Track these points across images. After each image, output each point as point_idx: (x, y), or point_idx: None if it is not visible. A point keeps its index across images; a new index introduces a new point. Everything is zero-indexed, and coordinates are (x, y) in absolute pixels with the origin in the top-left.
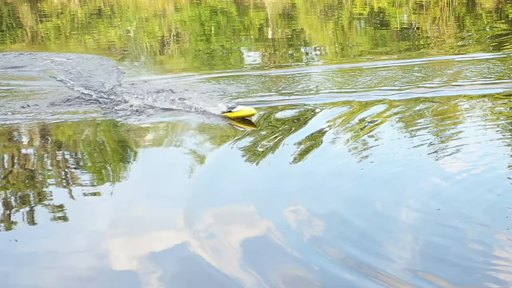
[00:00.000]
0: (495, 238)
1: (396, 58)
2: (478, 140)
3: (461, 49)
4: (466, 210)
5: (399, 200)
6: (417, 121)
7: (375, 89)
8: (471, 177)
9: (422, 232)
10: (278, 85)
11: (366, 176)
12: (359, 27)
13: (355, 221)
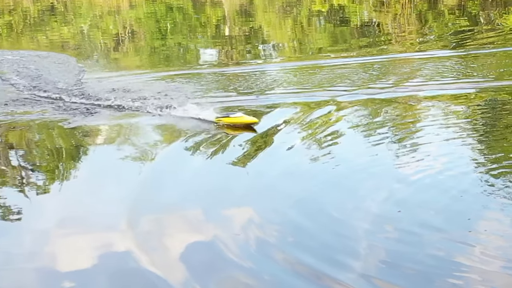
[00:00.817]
0: (455, 242)
1: (356, 55)
2: (436, 140)
3: (422, 47)
4: (423, 213)
5: (354, 203)
6: (374, 121)
7: (333, 88)
8: (429, 179)
9: (377, 236)
10: (235, 84)
11: (320, 178)
12: (318, 24)
13: (307, 225)
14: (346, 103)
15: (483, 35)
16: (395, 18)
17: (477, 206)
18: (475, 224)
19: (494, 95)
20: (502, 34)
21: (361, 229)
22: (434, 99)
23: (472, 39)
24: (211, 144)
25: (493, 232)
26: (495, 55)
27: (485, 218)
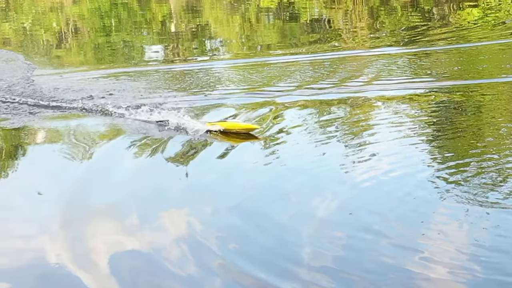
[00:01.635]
0: (415, 242)
1: (305, 52)
2: (386, 141)
3: (374, 44)
4: (371, 216)
5: (298, 206)
6: (322, 120)
7: (281, 86)
8: (378, 181)
9: (323, 241)
10: (181, 82)
11: (262, 180)
12: (267, 21)
13: (248, 230)
14: (294, 102)
15: (436, 31)
16: (346, 14)
17: (428, 209)
18: (426, 227)
19: (446, 95)
20: (455, 31)
21: (305, 235)
22: (385, 98)
23: (425, 36)
24: (150, 145)
25: (444, 235)
26: (448, 52)
27: (436, 221)
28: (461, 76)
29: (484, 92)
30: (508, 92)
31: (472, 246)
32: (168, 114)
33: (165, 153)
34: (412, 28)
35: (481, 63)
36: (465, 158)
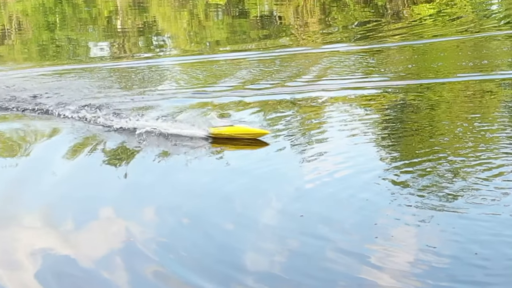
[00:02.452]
0: (363, 247)
1: (256, 50)
2: (339, 142)
3: (326, 41)
4: (331, 217)
5: (250, 211)
6: (270, 120)
7: (229, 85)
8: (332, 183)
9: (273, 246)
10: (127, 81)
11: (204, 183)
12: (216, 17)
13: (190, 236)
14: (240, 100)
15: (390, 26)
16: (297, 10)
17: (378, 211)
18: (375, 231)
19: (399, 95)
20: (409, 26)
21: (250, 239)
22: (335, 97)
23: (378, 32)
24: (87, 146)
25: (394, 239)
26: (402, 49)
27: (386, 224)
28: (415, 75)
29: (438, 92)
30: (462, 91)
31: (422, 251)
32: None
33: (103, 154)
34: (365, 24)
35: (436, 61)
36: (417, 159)
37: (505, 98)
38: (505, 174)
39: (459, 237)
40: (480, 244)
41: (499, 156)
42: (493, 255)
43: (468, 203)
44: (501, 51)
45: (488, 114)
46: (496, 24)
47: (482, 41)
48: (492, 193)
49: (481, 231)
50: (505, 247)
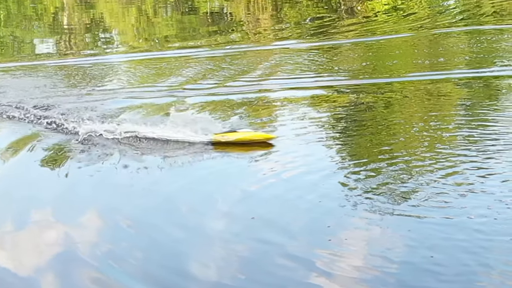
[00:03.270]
0: (313, 252)
1: (206, 47)
2: (291, 143)
3: (278, 37)
4: (280, 220)
5: (203, 211)
6: (222, 119)
7: (176, 83)
8: (285, 182)
9: (228, 247)
10: (72, 79)
11: (152, 184)
12: (165, 14)
13: (137, 243)
14: (189, 102)
15: (344, 22)
16: (248, 6)
17: (333, 215)
18: (330, 236)
19: (353, 94)
20: (364, 23)
21: (197, 246)
22: (287, 97)
23: (331, 28)
24: (23, 146)
25: (349, 244)
26: (356, 46)
27: (342, 228)
28: (369, 73)
29: (393, 91)
30: (418, 90)
31: (373, 256)
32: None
33: (43, 153)
34: (318, 20)
35: (391, 59)
36: (370, 160)
37: (462, 97)
38: (461, 176)
39: (413, 241)
40: (434, 249)
41: (455, 157)
42: (447, 260)
43: (422, 205)
44: (457, 48)
45: (445, 114)
46: (452, 20)
47: (438, 38)
48: (447, 195)
49: (435, 234)
50: (459, 252)
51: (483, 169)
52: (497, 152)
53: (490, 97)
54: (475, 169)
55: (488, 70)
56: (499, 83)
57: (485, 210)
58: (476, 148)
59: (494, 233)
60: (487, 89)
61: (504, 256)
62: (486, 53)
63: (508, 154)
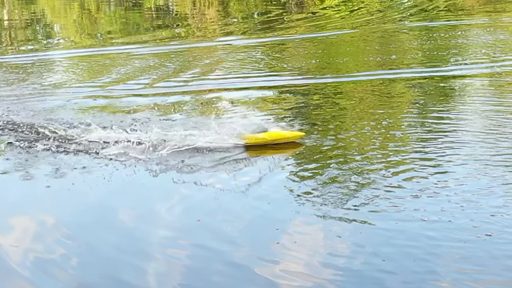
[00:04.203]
0: (261, 257)
1: (150, 43)
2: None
3: (224, 33)
4: (227, 223)
5: (143, 218)
6: (164, 118)
7: (124, 83)
8: (233, 187)
9: (172, 253)
10: (7, 77)
11: (100, 191)
12: (108, 9)
13: (87, 245)
14: (129, 96)
15: (293, 17)
16: (194, 1)
17: (285, 216)
18: (279, 236)
19: (303, 92)
20: (313, 18)
21: (144, 246)
22: (232, 98)
23: (280, 23)
24: None
25: (298, 246)
26: (306, 42)
27: (291, 229)
28: (319, 71)
29: (344, 89)
30: (370, 89)
31: (324, 264)
32: None
33: None
34: (266, 15)
35: (341, 56)
36: (320, 161)
37: (415, 96)
38: (414, 177)
39: (361, 246)
40: (383, 254)
41: (407, 158)
42: (396, 267)
43: (373, 208)
44: (409, 45)
45: (397, 113)
46: (404, 15)
47: (389, 34)
48: (399, 197)
49: (385, 239)
50: (409, 258)
51: (436, 170)
52: (451, 152)
53: (443, 96)
54: (429, 170)
55: (441, 67)
56: (452, 81)
57: (438, 212)
58: (429, 148)
59: (447, 238)
60: (440, 87)
61: (456, 264)
62: (439, 50)
63: (462, 154)
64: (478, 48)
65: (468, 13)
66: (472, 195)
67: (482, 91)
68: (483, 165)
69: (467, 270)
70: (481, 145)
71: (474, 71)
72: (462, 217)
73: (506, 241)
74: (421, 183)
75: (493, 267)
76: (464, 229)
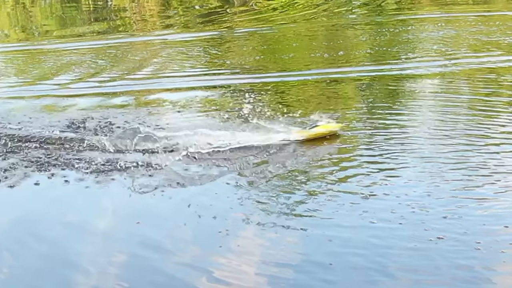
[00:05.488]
0: (204, 260)
1: (87, 39)
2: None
3: (164, 27)
4: (169, 225)
5: (77, 219)
6: (98, 118)
7: (55, 79)
8: (172, 186)
9: (106, 261)
10: None
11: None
12: (43, 3)
13: (24, 244)
14: (67, 99)
15: (236, 9)
16: None
17: (229, 218)
18: (220, 243)
19: (246, 89)
20: (258, 11)
21: (77, 253)
22: (171, 99)
23: (223, 16)
24: None
25: (240, 252)
26: (250, 37)
27: (233, 235)
28: (264, 69)
29: (289, 87)
30: (317, 86)
31: (269, 267)
32: None
33: None
34: (208, 8)
35: (287, 52)
36: (266, 164)
37: (364, 94)
38: (363, 178)
39: (308, 248)
40: (330, 258)
41: (356, 158)
42: (342, 272)
43: (321, 210)
44: (358, 40)
45: (345, 111)
46: (352, 9)
47: (337, 29)
48: (348, 198)
49: (332, 242)
50: (358, 262)
51: (386, 171)
52: (402, 152)
53: (393, 93)
54: (378, 171)
55: (391, 64)
56: (402, 78)
57: (388, 214)
58: (378, 149)
59: (397, 242)
60: (390, 84)
61: (405, 270)
62: (389, 45)
63: (413, 154)
64: (429, 44)
65: (418, 7)
66: (423, 197)
67: (433, 88)
68: (434, 165)
69: (417, 276)
70: (432, 144)
71: (425, 69)
72: (413, 220)
73: (458, 244)
74: (370, 185)
75: (444, 272)
76: (415, 232)
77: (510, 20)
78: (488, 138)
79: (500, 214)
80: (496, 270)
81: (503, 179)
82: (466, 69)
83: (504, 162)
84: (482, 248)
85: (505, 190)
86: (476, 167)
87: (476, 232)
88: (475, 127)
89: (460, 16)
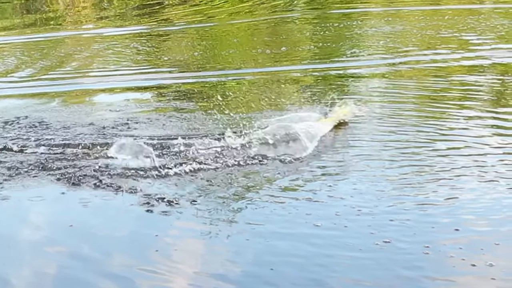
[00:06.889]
0: (139, 266)
1: (18, 33)
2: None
3: (97, 19)
4: (103, 228)
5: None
6: (35, 118)
7: None
8: (111, 190)
9: (37, 263)
10: None
11: None
12: None
13: None
14: None
15: (174, 1)
16: None
17: (165, 220)
18: (154, 250)
19: (183, 89)
20: (195, 5)
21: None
22: (107, 101)
23: (161, 9)
24: None
25: (180, 253)
26: (187, 32)
27: (170, 243)
28: (202, 65)
29: (229, 86)
30: (257, 85)
31: (203, 276)
32: None
33: None
34: (145, 6)
35: (227, 48)
36: (206, 166)
37: (307, 93)
38: (307, 180)
39: (243, 255)
40: (268, 266)
41: (300, 161)
42: (280, 281)
43: (260, 213)
44: (301, 36)
45: (289, 111)
46: (293, 2)
47: (279, 24)
48: (290, 202)
49: (271, 248)
50: (296, 269)
51: (330, 172)
52: (346, 153)
53: (338, 91)
54: (322, 172)
55: (336, 61)
56: (348, 75)
57: (332, 218)
58: (322, 149)
59: (341, 246)
60: (335, 82)
61: (349, 274)
62: (334, 42)
63: (358, 154)
64: (376, 40)
65: (363, 0)
66: (369, 199)
67: (379, 85)
68: (380, 166)
69: (361, 281)
70: (378, 144)
71: (371, 67)
72: (358, 223)
73: (405, 248)
74: (314, 186)
75: (389, 277)
76: (360, 235)
77: (459, 14)
78: (437, 137)
79: (450, 217)
80: (445, 275)
81: (451, 180)
82: (414, 66)
83: (453, 163)
84: (431, 252)
85: (454, 192)
86: (425, 168)
87: (424, 235)
88: (424, 125)
89: (407, 10)
